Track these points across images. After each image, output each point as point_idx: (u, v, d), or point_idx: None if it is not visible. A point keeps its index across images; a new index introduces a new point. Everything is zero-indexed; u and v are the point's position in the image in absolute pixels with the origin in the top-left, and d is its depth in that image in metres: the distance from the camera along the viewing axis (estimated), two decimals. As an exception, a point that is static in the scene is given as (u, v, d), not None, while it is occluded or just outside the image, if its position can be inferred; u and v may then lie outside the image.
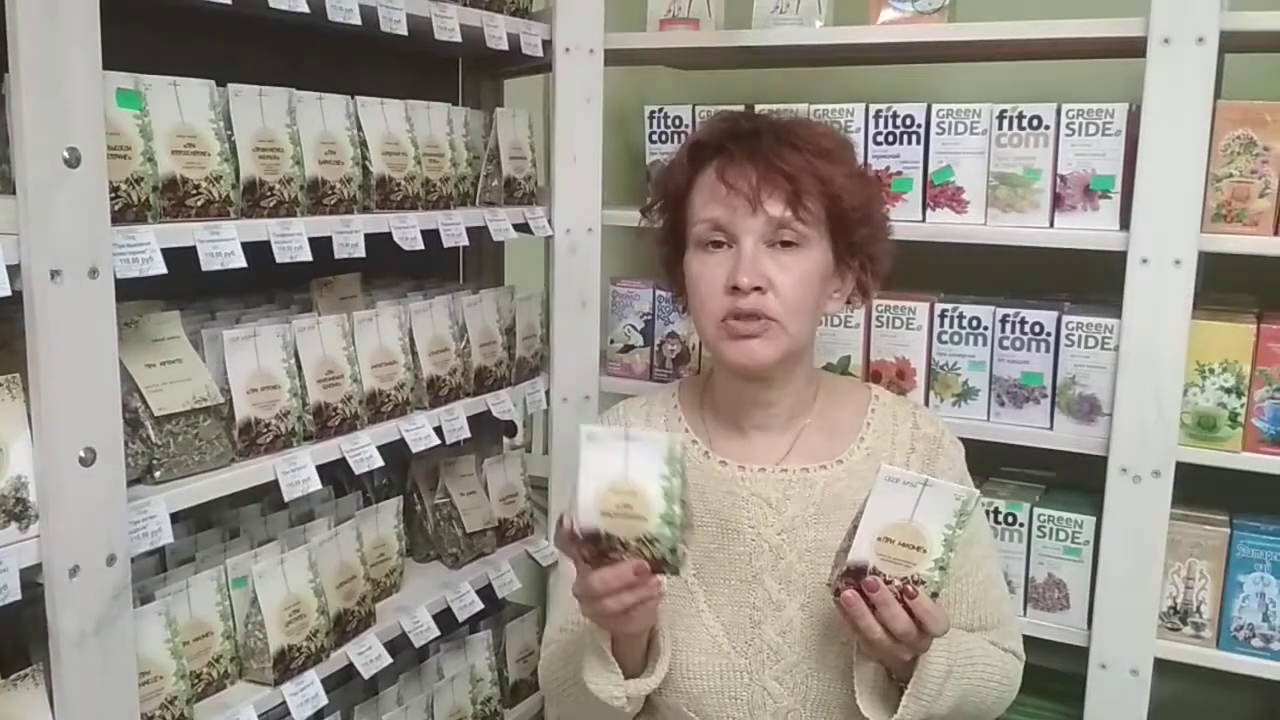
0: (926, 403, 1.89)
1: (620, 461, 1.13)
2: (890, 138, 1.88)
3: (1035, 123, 1.78)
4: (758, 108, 1.84)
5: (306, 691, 1.50)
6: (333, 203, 1.54)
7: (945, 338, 1.87)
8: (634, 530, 1.14)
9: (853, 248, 1.36)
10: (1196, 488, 1.75)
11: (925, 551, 1.17)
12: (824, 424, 1.42)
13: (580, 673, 1.30)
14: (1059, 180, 1.78)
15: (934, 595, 1.18)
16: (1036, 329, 1.81)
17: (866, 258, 1.39)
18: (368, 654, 1.63)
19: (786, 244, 1.31)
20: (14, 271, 1.09)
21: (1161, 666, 1.76)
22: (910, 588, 1.17)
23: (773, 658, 1.34)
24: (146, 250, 1.23)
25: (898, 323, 1.90)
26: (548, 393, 2.05)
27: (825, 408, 1.44)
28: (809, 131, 1.35)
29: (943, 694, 1.24)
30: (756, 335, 1.30)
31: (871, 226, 1.38)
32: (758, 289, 1.29)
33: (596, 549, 1.15)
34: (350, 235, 1.54)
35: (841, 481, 1.37)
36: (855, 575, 1.19)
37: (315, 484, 1.50)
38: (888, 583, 1.17)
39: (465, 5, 1.76)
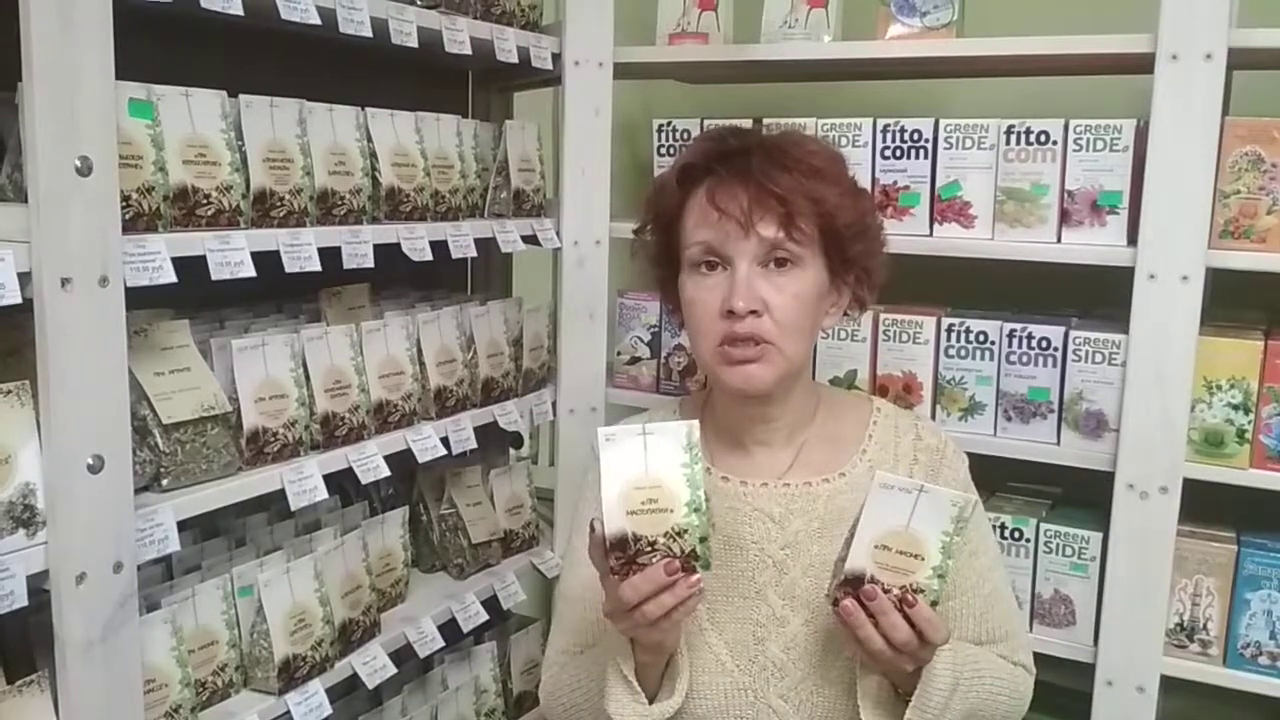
0: (933, 417, 1.88)
1: (640, 458, 1.14)
2: (898, 152, 1.88)
3: (1043, 138, 1.78)
4: (765, 122, 1.85)
5: (311, 701, 1.50)
6: (342, 213, 1.55)
7: (952, 352, 1.87)
8: (662, 525, 1.14)
9: (848, 263, 1.35)
10: (1203, 504, 1.74)
11: (923, 559, 1.16)
12: (826, 437, 1.42)
13: (594, 699, 1.29)
14: (1066, 195, 1.78)
15: (934, 604, 1.17)
16: (1043, 344, 1.81)
17: (862, 271, 1.38)
18: (372, 664, 1.63)
19: (781, 263, 1.30)
20: (25, 279, 1.10)
21: (1167, 684, 1.75)
22: (909, 596, 1.16)
23: (777, 675, 1.33)
24: (157, 259, 1.24)
25: (904, 337, 1.90)
26: (554, 404, 2.05)
27: (827, 421, 1.43)
28: (799, 150, 1.34)
29: (949, 707, 1.23)
30: (754, 360, 1.29)
31: (866, 241, 1.37)
32: (753, 312, 1.28)
33: (625, 556, 1.15)
34: (359, 246, 1.55)
35: (844, 494, 1.37)
36: (853, 584, 1.18)
37: (322, 493, 1.50)
38: (886, 591, 1.16)
39: (475, 18, 1.77)
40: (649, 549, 1.14)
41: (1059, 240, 1.79)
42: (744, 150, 1.33)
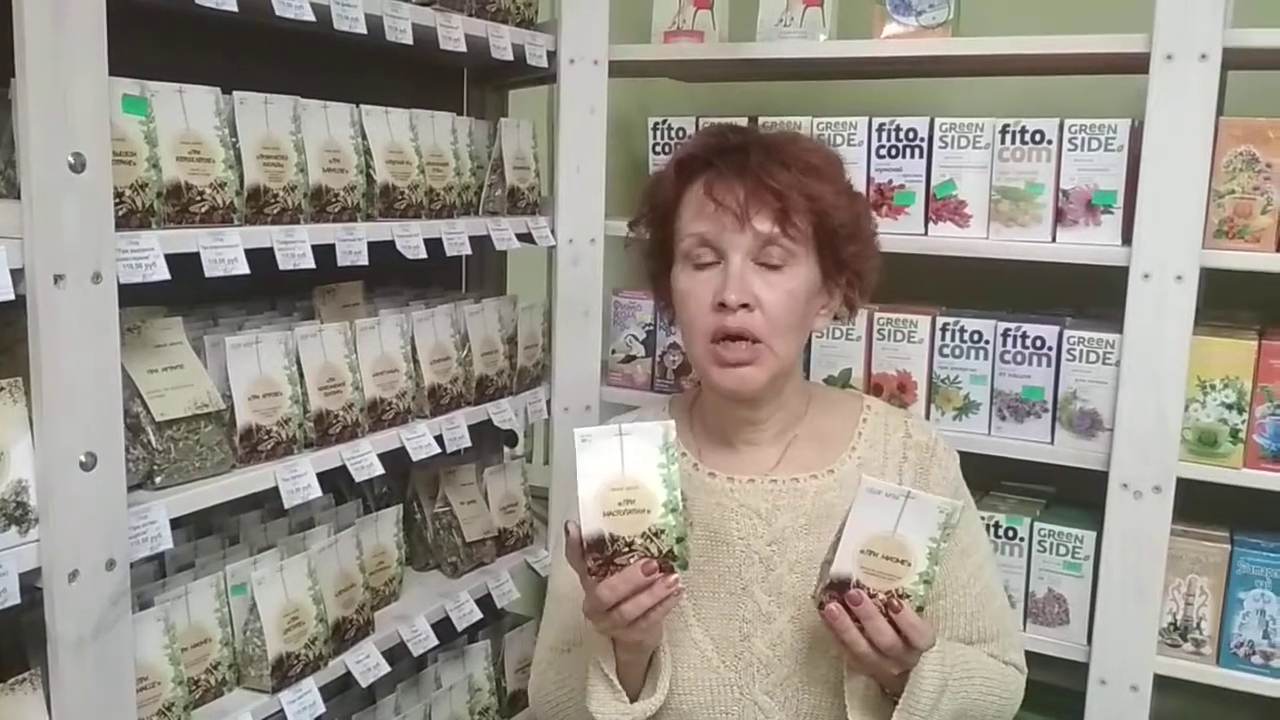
0: (927, 416, 1.89)
1: (617, 458, 1.14)
2: (893, 151, 1.88)
3: (1038, 137, 1.79)
4: (761, 120, 1.85)
5: (304, 699, 1.50)
6: (336, 210, 1.54)
7: (946, 351, 1.87)
8: (639, 525, 1.14)
9: (841, 264, 1.35)
10: (1197, 504, 1.75)
11: (909, 565, 1.16)
12: (815, 434, 1.42)
13: (579, 697, 1.29)
14: (1061, 195, 1.78)
15: (919, 609, 1.17)
16: (1038, 343, 1.81)
17: (854, 274, 1.38)
18: (366, 662, 1.62)
19: (774, 259, 1.29)
20: (18, 275, 1.09)
21: (1161, 683, 1.76)
22: (895, 601, 1.16)
23: (763, 671, 1.33)
24: (150, 256, 1.23)
25: (899, 336, 1.90)
26: (549, 402, 2.05)
27: (816, 418, 1.43)
28: (797, 148, 1.34)
29: (937, 708, 1.23)
30: (746, 363, 1.29)
31: (860, 243, 1.36)
32: (745, 306, 1.28)
33: (602, 557, 1.15)
34: (353, 243, 1.54)
35: (832, 491, 1.36)
36: (839, 588, 1.18)
37: (315, 491, 1.50)
38: (871, 596, 1.16)
39: (471, 16, 1.76)
40: (626, 549, 1.14)
41: (1054, 240, 1.80)
42: (743, 146, 1.33)
